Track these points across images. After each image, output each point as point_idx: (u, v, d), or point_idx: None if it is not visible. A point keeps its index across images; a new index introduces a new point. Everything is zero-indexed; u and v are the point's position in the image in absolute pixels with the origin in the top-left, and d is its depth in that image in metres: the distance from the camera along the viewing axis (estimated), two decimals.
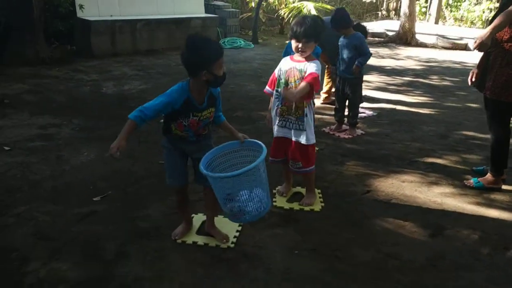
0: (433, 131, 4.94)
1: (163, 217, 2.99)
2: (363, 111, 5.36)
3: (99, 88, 6.23)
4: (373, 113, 5.52)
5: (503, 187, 3.52)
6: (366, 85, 5.87)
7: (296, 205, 3.17)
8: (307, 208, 3.13)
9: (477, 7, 15.20)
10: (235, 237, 2.76)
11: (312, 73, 2.83)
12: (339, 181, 3.64)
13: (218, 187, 2.37)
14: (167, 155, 2.57)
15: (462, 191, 3.50)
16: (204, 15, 10.30)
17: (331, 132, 4.77)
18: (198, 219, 2.94)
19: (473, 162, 4.06)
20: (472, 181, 3.57)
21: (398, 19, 14.04)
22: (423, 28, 12.81)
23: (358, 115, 4.80)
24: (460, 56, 10.26)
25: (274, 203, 3.16)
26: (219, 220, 2.87)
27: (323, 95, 5.87)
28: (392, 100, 6.20)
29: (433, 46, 11.50)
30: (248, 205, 2.35)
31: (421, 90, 6.91)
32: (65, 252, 2.59)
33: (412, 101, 6.21)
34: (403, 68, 8.67)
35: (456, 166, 4.00)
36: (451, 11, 16.35)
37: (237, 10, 11.56)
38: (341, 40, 4.55)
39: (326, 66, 5.62)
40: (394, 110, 5.75)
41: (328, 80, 5.76)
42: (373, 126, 5.06)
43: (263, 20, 12.72)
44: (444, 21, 15.95)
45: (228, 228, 2.81)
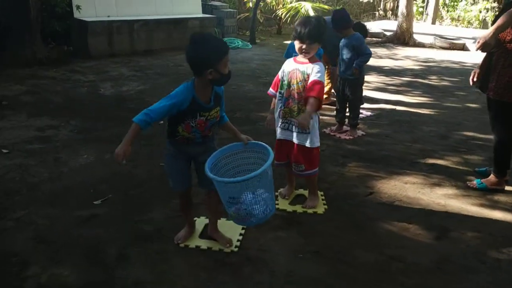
0: (433, 132, 4.92)
1: (165, 220, 2.95)
2: (360, 111, 5.32)
3: (96, 89, 6.18)
4: (371, 114, 5.49)
5: (506, 188, 3.51)
6: (365, 86, 5.81)
7: (299, 208, 3.14)
8: (310, 211, 3.10)
9: (474, 6, 15.23)
10: (238, 240, 2.72)
11: (316, 84, 2.77)
12: (341, 182, 3.61)
13: (223, 191, 2.33)
14: (172, 160, 2.51)
15: (465, 193, 3.48)
16: (201, 15, 10.26)
17: (332, 133, 4.74)
18: (201, 222, 2.91)
19: (475, 163, 4.04)
20: (475, 182, 3.55)
21: (395, 19, 14.05)
22: (421, 28, 12.81)
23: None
24: (458, 56, 10.27)
25: (276, 206, 3.12)
26: (222, 223, 2.83)
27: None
28: (391, 100, 6.18)
29: (431, 46, 11.50)
30: (254, 208, 2.31)
31: (421, 90, 6.90)
32: (66, 256, 2.55)
33: (411, 102, 6.20)
34: (402, 68, 8.66)
35: (458, 167, 3.98)
36: (447, 11, 16.38)
37: (234, 10, 11.53)
38: (342, 40, 4.52)
39: (326, 67, 5.59)
40: (394, 110, 5.73)
41: (328, 80, 5.73)
42: (374, 126, 5.04)
43: (260, 20, 12.69)
44: (441, 21, 15.97)
45: (231, 232, 2.78)
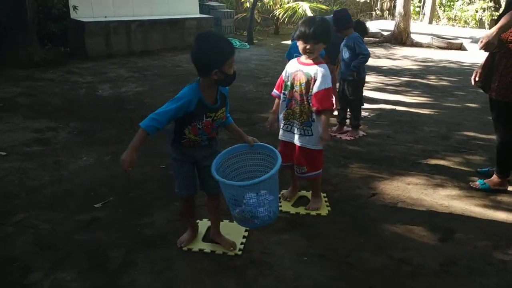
0: (434, 132, 4.91)
1: (167, 223, 2.91)
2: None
3: (94, 90, 6.13)
4: (368, 114, 5.45)
5: (509, 188, 3.49)
6: (364, 86, 5.80)
7: (302, 210, 3.11)
8: (313, 213, 3.07)
9: (470, 6, 15.28)
10: (242, 243, 2.69)
11: (324, 95, 2.78)
12: (344, 184, 3.59)
13: (227, 192, 2.30)
14: (178, 167, 2.46)
15: (468, 193, 3.46)
16: (198, 15, 10.23)
17: (333, 134, 4.71)
18: (203, 224, 2.87)
19: (477, 163, 4.03)
20: (477, 183, 3.54)
21: (392, 19, 14.08)
22: (417, 28, 12.84)
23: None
24: (456, 56, 10.28)
25: (279, 208, 3.09)
26: (224, 226, 2.79)
27: None
28: (391, 100, 6.17)
29: (428, 46, 11.51)
30: (259, 211, 2.28)
31: (420, 90, 6.89)
32: (68, 261, 2.51)
33: (411, 102, 6.18)
34: (400, 68, 8.65)
35: (460, 167, 3.96)
36: (444, 10, 16.42)
37: (232, 10, 11.51)
38: (343, 40, 4.50)
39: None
40: (394, 110, 5.71)
41: None
42: (374, 127, 5.02)
43: (258, 20, 12.67)
44: (437, 20, 16.01)
45: (234, 234, 2.74)
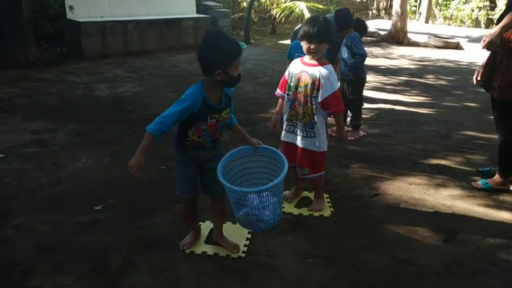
0: (434, 132, 4.90)
1: (169, 225, 2.88)
2: None
3: (91, 91, 6.08)
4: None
5: (511, 188, 3.49)
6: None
7: (305, 211, 3.09)
8: (316, 214, 3.05)
9: (466, 5, 15.32)
10: (245, 245, 2.66)
11: (333, 98, 2.80)
12: (345, 184, 3.57)
13: (232, 197, 2.27)
14: (182, 169, 2.43)
15: (470, 193, 3.45)
16: (195, 15, 10.19)
17: (333, 134, 4.66)
18: (206, 226, 2.84)
19: (478, 163, 4.02)
20: (480, 182, 3.53)
21: (389, 18, 14.09)
22: (414, 27, 12.85)
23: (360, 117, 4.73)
24: (453, 55, 10.29)
25: (282, 209, 3.07)
26: (227, 228, 2.77)
27: None
28: (389, 100, 6.15)
29: (425, 45, 11.52)
30: (264, 214, 2.26)
31: (418, 90, 6.88)
32: (69, 264, 2.48)
33: (410, 101, 6.17)
34: (398, 67, 8.65)
35: (461, 167, 3.95)
36: (440, 10, 16.46)
37: (228, 10, 11.47)
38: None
39: None
40: (393, 110, 5.70)
41: None
42: (374, 127, 5.00)
43: (255, 20, 12.64)
44: (434, 20, 16.04)
45: (237, 236, 2.72)
